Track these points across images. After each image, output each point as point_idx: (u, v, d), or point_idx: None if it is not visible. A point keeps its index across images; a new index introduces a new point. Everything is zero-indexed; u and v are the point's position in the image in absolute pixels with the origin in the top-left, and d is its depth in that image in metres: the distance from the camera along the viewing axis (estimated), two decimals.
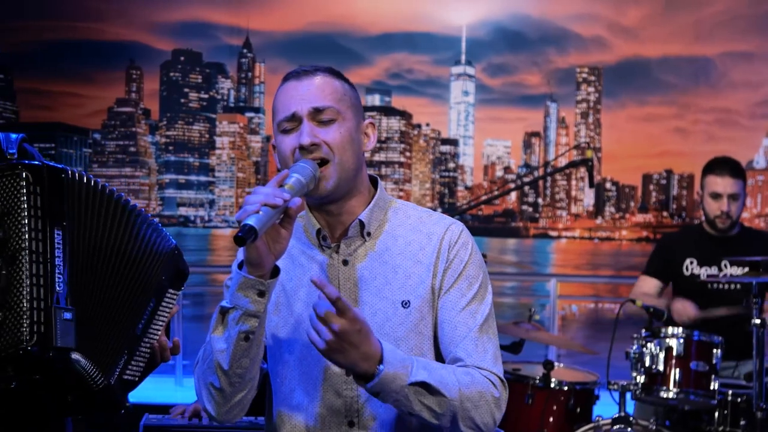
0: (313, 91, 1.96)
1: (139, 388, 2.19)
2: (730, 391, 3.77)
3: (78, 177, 2.10)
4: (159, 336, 2.07)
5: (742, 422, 3.74)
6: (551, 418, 3.94)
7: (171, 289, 2.07)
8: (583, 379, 4.06)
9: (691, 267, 4.29)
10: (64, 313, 1.94)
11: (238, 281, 1.81)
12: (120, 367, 2.09)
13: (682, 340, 3.73)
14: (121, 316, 2.10)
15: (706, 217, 4.28)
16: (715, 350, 3.76)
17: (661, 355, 3.73)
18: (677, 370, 3.72)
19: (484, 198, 9.57)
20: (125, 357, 2.11)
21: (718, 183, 4.20)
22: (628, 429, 3.73)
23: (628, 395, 3.83)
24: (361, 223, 2.00)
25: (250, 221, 1.71)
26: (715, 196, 4.21)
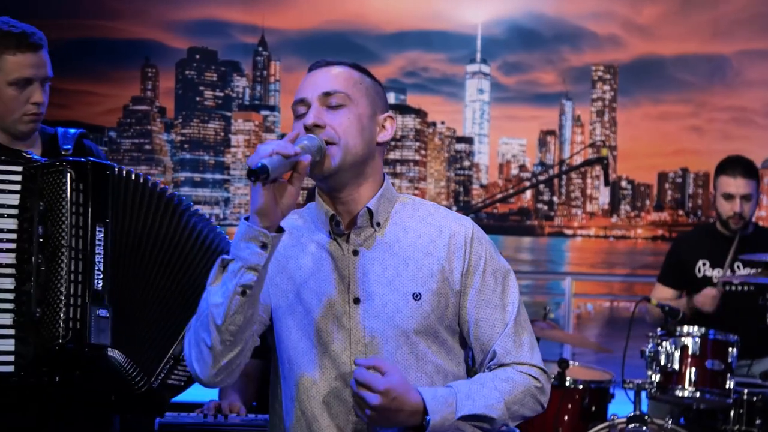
0: (327, 78, 1.99)
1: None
2: (746, 390, 3.78)
3: (125, 174, 2.11)
4: None
5: (758, 421, 3.75)
6: (566, 417, 3.95)
7: None
8: (598, 378, 4.06)
9: (704, 269, 4.27)
10: (100, 309, 1.96)
11: (242, 231, 1.81)
12: (165, 371, 2.09)
13: (697, 339, 3.73)
14: (168, 316, 2.09)
15: (719, 218, 4.26)
16: (730, 349, 3.76)
17: (677, 354, 3.74)
18: (693, 368, 3.73)
19: (499, 196, 9.56)
20: (171, 361, 2.11)
21: (730, 184, 4.18)
22: (643, 428, 3.74)
23: (644, 394, 3.84)
24: (370, 212, 2.00)
25: (264, 161, 1.72)
26: (728, 197, 4.19)
